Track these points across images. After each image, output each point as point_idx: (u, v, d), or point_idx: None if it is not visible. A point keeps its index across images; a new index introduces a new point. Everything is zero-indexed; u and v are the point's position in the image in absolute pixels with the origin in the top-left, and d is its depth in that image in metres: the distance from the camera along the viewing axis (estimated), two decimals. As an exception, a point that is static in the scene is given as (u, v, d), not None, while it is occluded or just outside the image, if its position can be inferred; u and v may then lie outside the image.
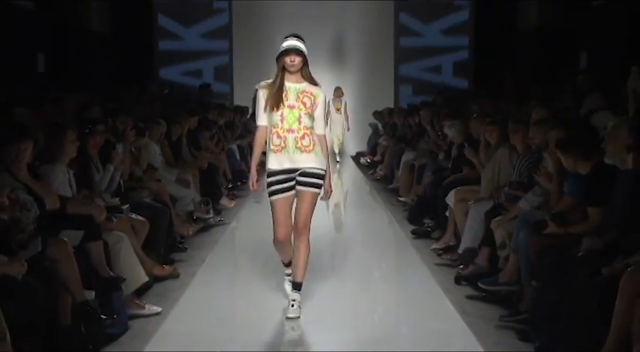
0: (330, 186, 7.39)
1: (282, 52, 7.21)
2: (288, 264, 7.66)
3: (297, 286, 7.31)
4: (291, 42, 7.20)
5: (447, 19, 23.03)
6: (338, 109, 21.88)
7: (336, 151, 21.33)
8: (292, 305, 7.18)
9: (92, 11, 19.58)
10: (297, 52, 7.17)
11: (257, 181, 7.78)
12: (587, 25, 15.49)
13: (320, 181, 7.26)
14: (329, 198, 7.50)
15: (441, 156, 12.13)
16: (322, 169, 7.26)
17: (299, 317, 7.11)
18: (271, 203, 7.40)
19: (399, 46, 23.22)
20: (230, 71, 23.52)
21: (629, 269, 5.40)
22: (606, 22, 14.42)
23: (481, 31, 22.07)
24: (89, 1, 19.46)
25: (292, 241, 7.37)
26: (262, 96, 7.35)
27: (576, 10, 16.74)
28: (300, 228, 7.26)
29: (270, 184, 7.42)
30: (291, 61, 7.19)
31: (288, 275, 7.66)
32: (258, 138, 7.61)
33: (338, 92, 22.00)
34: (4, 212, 5.98)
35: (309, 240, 7.29)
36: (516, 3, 20.80)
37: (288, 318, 7.09)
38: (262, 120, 7.46)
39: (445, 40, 23.15)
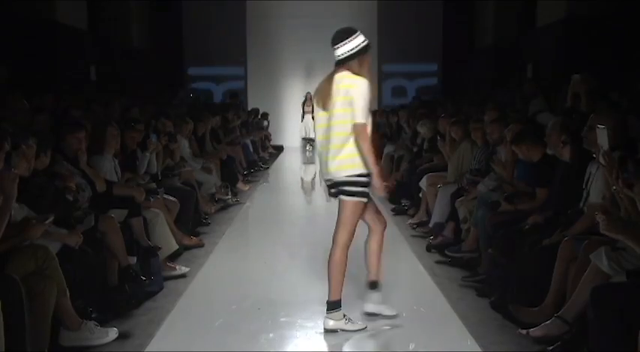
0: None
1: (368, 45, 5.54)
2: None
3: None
4: None
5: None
6: None
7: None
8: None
9: (133, 31, 19.55)
10: None
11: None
12: (533, 42, 15.48)
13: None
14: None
15: (415, 148, 12.14)
16: None
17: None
18: (360, 205, 5.63)
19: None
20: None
21: (565, 239, 5.44)
22: (548, 40, 14.43)
23: (448, 56, 22.06)
24: (131, 23, 19.43)
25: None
26: (369, 91, 5.40)
27: (524, 30, 16.75)
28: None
29: (365, 185, 5.53)
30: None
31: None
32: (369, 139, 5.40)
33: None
34: (71, 194, 6.02)
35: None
36: (473, 25, 20.86)
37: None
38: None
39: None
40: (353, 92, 5.33)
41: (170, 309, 6.28)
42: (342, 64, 5.47)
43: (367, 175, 5.45)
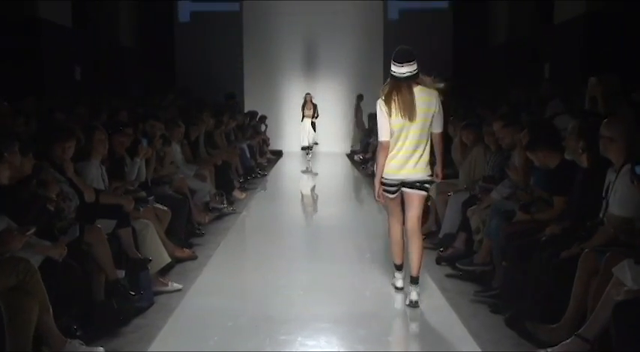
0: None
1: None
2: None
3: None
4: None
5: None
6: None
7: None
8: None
9: (121, 28, 19.59)
10: None
11: None
12: (550, 40, 15.49)
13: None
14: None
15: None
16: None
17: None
18: None
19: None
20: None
21: (585, 251, 5.43)
22: (567, 37, 14.43)
23: (458, 54, 22.09)
24: (119, 20, 19.47)
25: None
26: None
27: (541, 27, 16.76)
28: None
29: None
30: None
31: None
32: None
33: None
34: (52, 204, 6.01)
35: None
36: (486, 21, 20.90)
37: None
38: None
39: None
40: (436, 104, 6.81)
41: (161, 326, 6.26)
42: (413, 78, 6.69)
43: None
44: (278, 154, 22.35)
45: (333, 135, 23.11)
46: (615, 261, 4.91)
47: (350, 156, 21.92)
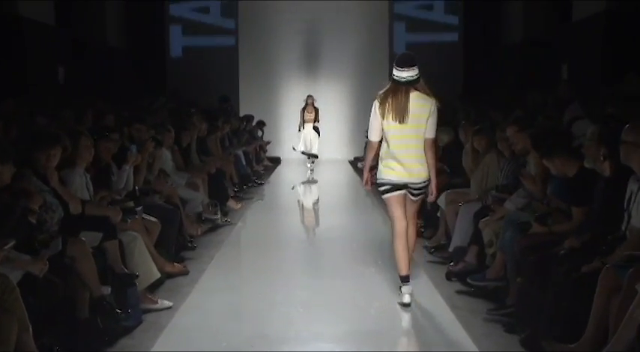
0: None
1: None
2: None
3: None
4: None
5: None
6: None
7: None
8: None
9: (108, 27, 19.61)
10: None
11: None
12: (568, 39, 15.49)
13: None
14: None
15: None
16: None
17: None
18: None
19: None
20: (235, 8, 23.29)
21: (606, 266, 5.41)
22: (586, 36, 14.44)
23: (470, 53, 22.10)
24: (105, 18, 19.49)
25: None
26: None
27: (558, 25, 16.77)
28: None
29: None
30: None
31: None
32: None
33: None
34: (33, 216, 6.00)
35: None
36: (499, 18, 20.95)
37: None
38: None
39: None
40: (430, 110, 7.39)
41: (149, 347, 6.26)
42: (413, 83, 7.34)
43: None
44: (276, 161, 22.32)
45: (334, 140, 23.03)
46: (639, 277, 4.90)
47: (353, 163, 21.90)
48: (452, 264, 8.65)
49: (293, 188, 18.07)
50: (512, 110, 11.72)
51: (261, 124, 21.52)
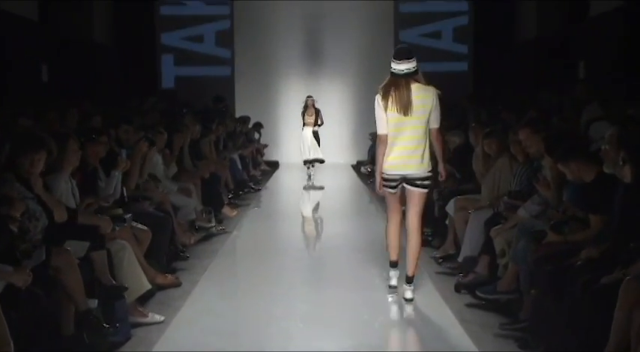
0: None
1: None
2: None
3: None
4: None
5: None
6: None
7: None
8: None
9: (95, 23, 19.61)
10: None
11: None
12: (585, 35, 15.50)
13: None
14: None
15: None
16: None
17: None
18: None
19: (398, 12, 23.07)
20: (231, 36, 23.32)
21: (627, 278, 5.40)
22: (604, 32, 14.44)
23: (480, 51, 22.10)
24: (91, 13, 19.49)
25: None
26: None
27: (574, 21, 16.77)
28: None
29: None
30: None
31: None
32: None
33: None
34: (15, 224, 5.99)
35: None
36: (512, 13, 20.95)
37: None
38: None
39: (445, 5, 23.12)
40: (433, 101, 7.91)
41: (139, 364, 6.26)
42: (411, 75, 7.85)
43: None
44: (274, 166, 22.33)
45: (337, 144, 22.96)
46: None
47: (356, 167, 21.87)
48: (461, 275, 8.65)
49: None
50: (525, 111, 11.71)
51: (258, 126, 21.51)
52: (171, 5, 22.93)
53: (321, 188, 18.69)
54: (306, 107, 20.36)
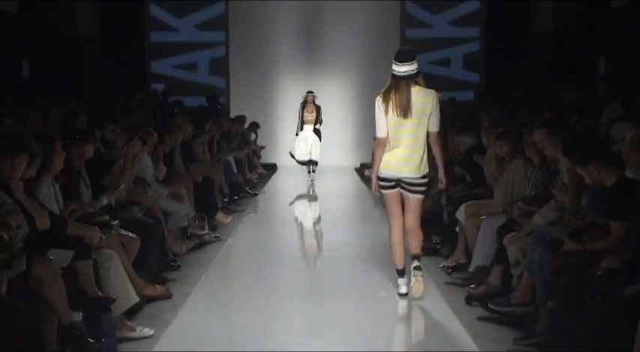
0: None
1: None
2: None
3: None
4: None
5: (457, 8, 23.03)
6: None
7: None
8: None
9: (79, 15, 19.60)
10: None
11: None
12: (606, 29, 15.49)
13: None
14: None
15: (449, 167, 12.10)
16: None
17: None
18: None
19: (405, 37, 23.00)
20: (226, 64, 23.40)
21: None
22: (626, 26, 14.42)
23: (493, 21, 22.06)
24: (76, 5, 19.49)
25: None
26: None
27: (594, 12, 16.75)
28: None
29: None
30: None
31: None
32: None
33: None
34: (7, 233, 5.98)
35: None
36: (527, 4, 20.93)
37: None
38: None
39: (455, 31, 23.17)
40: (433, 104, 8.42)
41: (127, 382, 6.26)
42: (412, 77, 8.33)
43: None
44: (271, 168, 22.33)
45: (338, 145, 22.90)
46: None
47: (359, 170, 21.85)
48: (472, 286, 8.65)
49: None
50: (541, 110, 11.71)
51: (254, 126, 21.48)
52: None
53: (322, 195, 18.48)
54: (305, 103, 20.10)
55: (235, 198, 15.85)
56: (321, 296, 9.14)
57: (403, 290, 8.62)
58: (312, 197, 18.50)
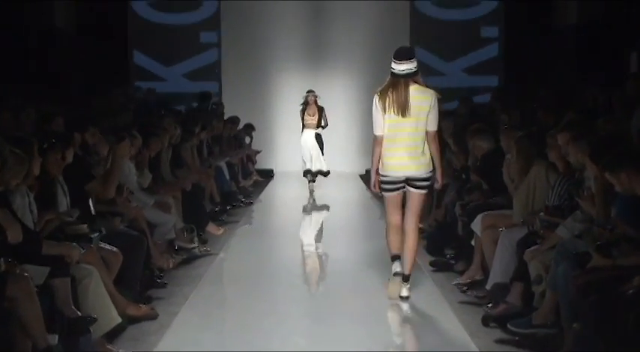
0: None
1: None
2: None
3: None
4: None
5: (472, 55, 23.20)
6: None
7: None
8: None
9: (56, 5, 19.60)
10: None
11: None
12: (638, 21, 15.51)
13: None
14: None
15: (464, 174, 12.09)
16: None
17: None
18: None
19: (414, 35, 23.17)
20: (217, 20, 23.59)
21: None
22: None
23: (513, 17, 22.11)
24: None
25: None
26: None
27: (622, 5, 16.76)
28: None
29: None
30: None
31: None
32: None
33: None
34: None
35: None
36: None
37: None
38: None
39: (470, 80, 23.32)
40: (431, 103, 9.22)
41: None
42: (411, 76, 9.09)
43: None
44: (267, 175, 22.33)
45: (342, 150, 22.88)
46: None
47: (364, 177, 21.81)
48: (490, 305, 8.65)
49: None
50: (565, 111, 11.71)
51: (249, 128, 21.47)
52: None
53: (325, 208, 18.34)
54: (306, 104, 19.75)
55: (228, 207, 15.87)
56: (323, 316, 9.14)
57: (397, 268, 9.34)
58: (312, 208, 18.41)
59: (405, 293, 9.21)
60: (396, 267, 9.39)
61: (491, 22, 23.10)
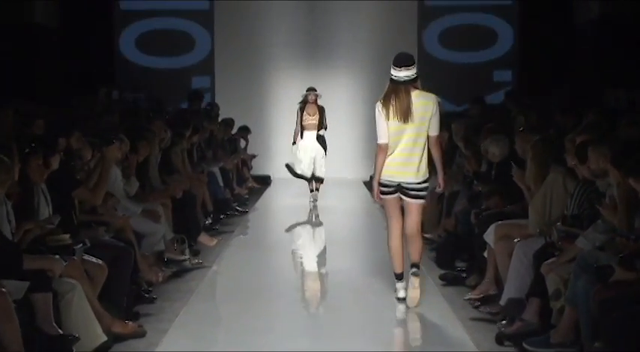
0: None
1: None
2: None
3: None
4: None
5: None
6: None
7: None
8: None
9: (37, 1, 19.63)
10: None
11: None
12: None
13: None
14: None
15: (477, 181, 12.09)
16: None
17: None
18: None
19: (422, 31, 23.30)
20: (210, 17, 23.56)
21: None
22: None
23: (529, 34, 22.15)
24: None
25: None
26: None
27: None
28: None
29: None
30: None
31: None
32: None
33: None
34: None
35: None
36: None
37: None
38: None
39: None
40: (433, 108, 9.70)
41: None
42: (411, 82, 9.54)
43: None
44: (264, 182, 22.33)
45: (345, 156, 22.84)
46: None
47: (368, 184, 21.76)
48: (504, 322, 8.65)
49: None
50: (586, 113, 11.72)
51: (244, 131, 21.44)
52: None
53: (327, 217, 18.06)
54: (305, 104, 19.29)
55: (221, 216, 15.87)
56: (324, 334, 9.14)
57: (401, 294, 9.81)
58: (314, 221, 18.08)
59: (413, 293, 9.61)
60: (400, 292, 9.83)
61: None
